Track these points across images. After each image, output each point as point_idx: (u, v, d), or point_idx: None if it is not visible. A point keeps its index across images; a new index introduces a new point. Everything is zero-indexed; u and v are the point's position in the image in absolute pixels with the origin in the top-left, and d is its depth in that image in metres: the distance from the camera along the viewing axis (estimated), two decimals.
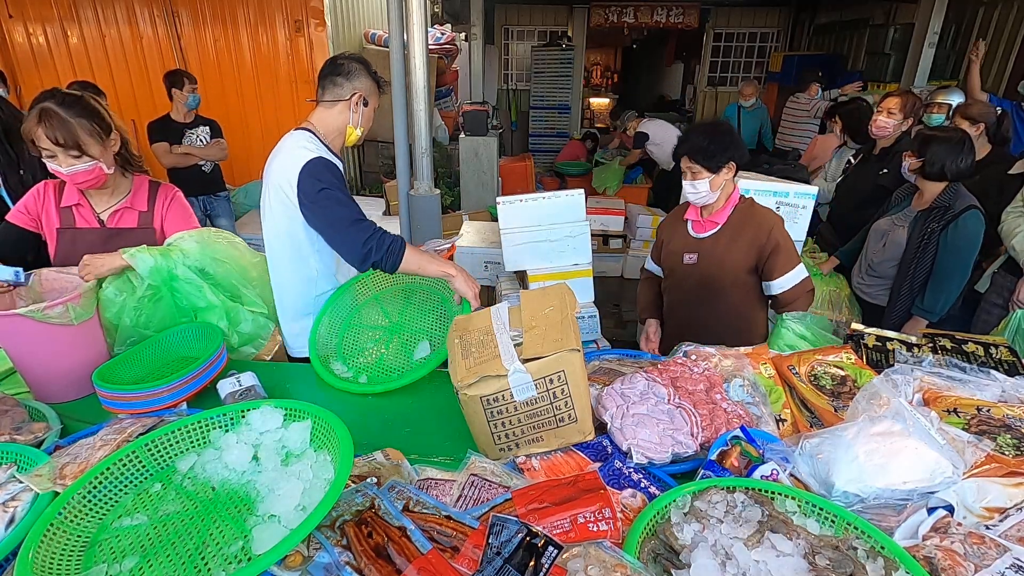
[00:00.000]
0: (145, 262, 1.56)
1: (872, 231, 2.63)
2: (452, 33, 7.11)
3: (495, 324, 1.30)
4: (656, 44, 11.97)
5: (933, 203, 2.33)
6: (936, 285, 2.32)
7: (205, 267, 1.66)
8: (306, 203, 1.65)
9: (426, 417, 1.47)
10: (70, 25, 5.67)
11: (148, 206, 1.79)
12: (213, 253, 1.68)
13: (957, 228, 2.25)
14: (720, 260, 2.00)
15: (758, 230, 1.95)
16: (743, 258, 1.98)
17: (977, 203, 2.28)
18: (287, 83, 5.94)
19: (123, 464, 1.05)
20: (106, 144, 1.62)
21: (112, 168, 1.66)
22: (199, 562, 0.88)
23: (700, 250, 2.05)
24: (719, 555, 0.89)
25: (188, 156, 3.96)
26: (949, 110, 3.63)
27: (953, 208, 2.27)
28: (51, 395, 1.47)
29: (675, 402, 1.29)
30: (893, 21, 6.62)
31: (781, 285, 1.95)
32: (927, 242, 2.32)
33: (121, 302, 1.57)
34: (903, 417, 1.11)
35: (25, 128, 1.53)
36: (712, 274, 2.02)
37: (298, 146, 1.69)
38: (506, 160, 6.78)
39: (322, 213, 1.64)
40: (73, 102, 1.56)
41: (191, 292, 1.64)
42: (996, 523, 0.99)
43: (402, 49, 3.14)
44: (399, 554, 0.89)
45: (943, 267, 2.29)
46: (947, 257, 2.28)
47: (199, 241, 1.67)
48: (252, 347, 1.79)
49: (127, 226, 1.76)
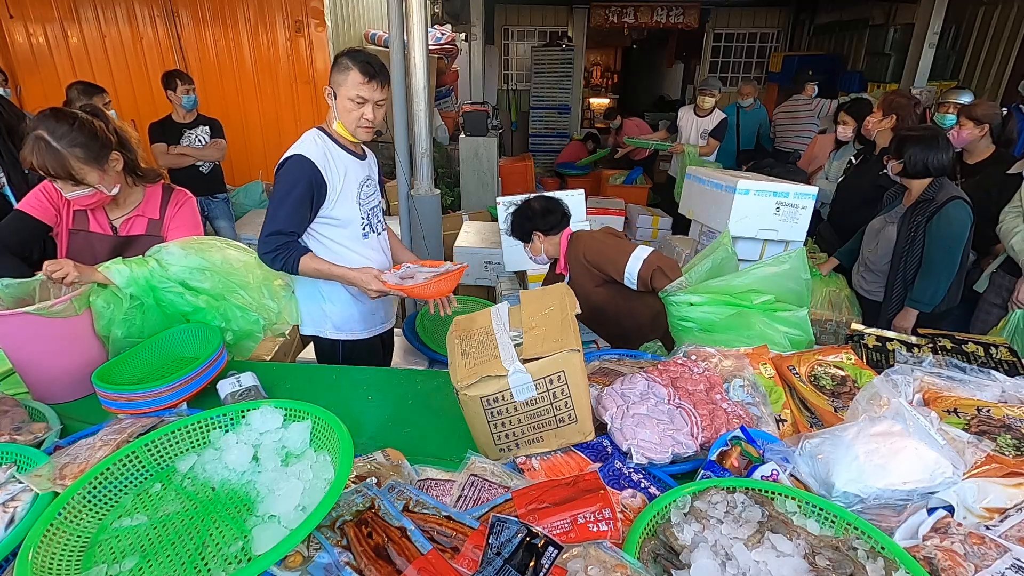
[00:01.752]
0: (121, 273, 1.55)
1: (867, 230, 2.68)
2: (452, 33, 7.11)
3: (495, 324, 1.30)
4: (656, 44, 11.96)
5: (919, 197, 2.39)
6: (925, 276, 2.37)
7: (185, 277, 1.64)
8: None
9: (426, 417, 1.47)
10: (70, 25, 5.67)
11: (160, 213, 1.78)
12: (195, 262, 1.65)
13: (941, 218, 2.29)
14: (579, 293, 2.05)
15: (576, 262, 2.20)
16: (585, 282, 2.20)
17: (962, 194, 2.32)
18: (287, 83, 5.93)
19: (123, 464, 1.05)
20: (105, 167, 1.57)
21: (117, 187, 1.63)
22: (199, 562, 0.88)
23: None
24: (719, 555, 0.89)
25: (183, 157, 3.96)
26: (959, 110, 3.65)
27: (936, 200, 2.32)
28: (51, 395, 1.47)
29: (675, 402, 1.29)
30: (893, 21, 6.63)
31: (629, 279, 2.07)
32: (914, 235, 2.37)
33: (110, 314, 1.55)
34: (903, 417, 1.11)
35: (22, 155, 1.50)
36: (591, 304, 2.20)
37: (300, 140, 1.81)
38: (506, 160, 6.79)
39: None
40: (66, 131, 1.48)
41: (174, 300, 1.64)
42: (996, 523, 0.99)
43: (402, 49, 3.14)
44: (399, 554, 0.89)
45: (930, 258, 2.34)
46: (933, 248, 2.33)
47: (183, 247, 1.65)
48: (251, 341, 1.79)
49: (137, 232, 1.76)
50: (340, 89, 1.76)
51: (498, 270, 3.72)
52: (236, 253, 1.74)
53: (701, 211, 3.16)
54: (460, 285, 4.19)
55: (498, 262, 3.59)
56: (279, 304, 1.82)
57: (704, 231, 3.24)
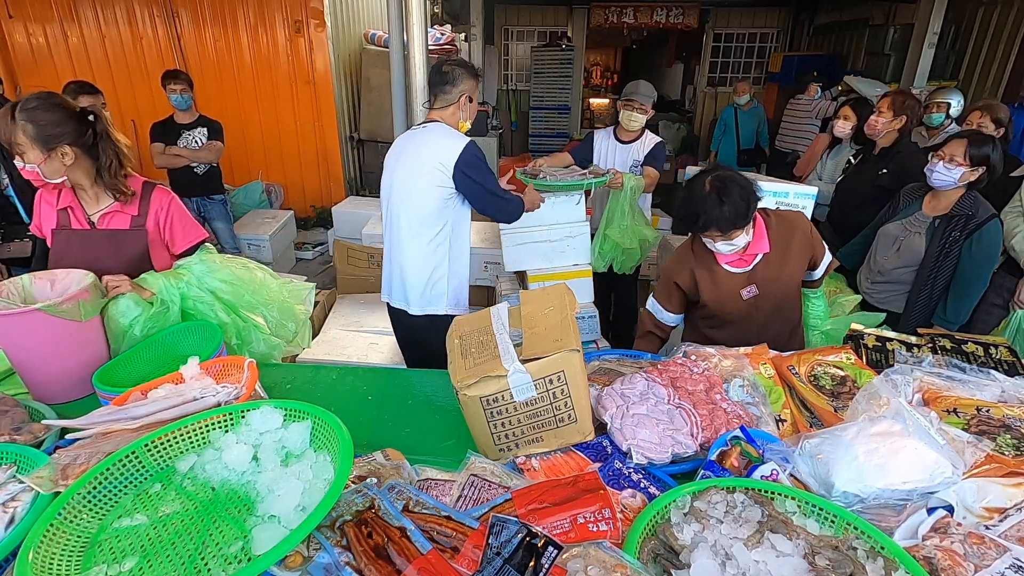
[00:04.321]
0: (156, 282, 1.64)
1: (881, 235, 2.55)
2: (452, 33, 7.11)
3: (495, 324, 1.30)
4: (656, 44, 11.97)
5: (953, 210, 2.27)
6: (961, 296, 2.27)
7: (215, 287, 1.72)
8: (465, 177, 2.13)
9: (426, 417, 1.47)
10: (70, 25, 5.68)
11: (140, 210, 1.79)
12: (226, 275, 1.73)
13: (981, 238, 2.20)
14: (780, 280, 1.89)
15: (801, 236, 1.88)
16: (799, 265, 1.91)
17: (996, 211, 2.25)
18: (287, 83, 5.94)
19: (123, 464, 1.05)
20: (51, 153, 1.58)
21: (62, 178, 1.64)
22: (199, 562, 0.88)
23: (755, 280, 1.88)
24: (719, 555, 0.89)
25: (178, 158, 3.97)
26: (948, 108, 3.64)
27: (976, 216, 2.22)
28: (51, 396, 1.47)
29: (675, 402, 1.29)
30: (893, 21, 6.63)
31: (821, 269, 1.98)
32: (949, 251, 2.26)
33: (136, 315, 1.60)
34: (903, 417, 1.11)
35: None
36: (779, 295, 1.91)
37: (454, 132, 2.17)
38: (506, 160, 6.80)
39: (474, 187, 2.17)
40: (32, 108, 1.54)
41: (203, 310, 1.70)
42: (996, 523, 0.99)
43: (402, 49, 3.15)
44: (399, 554, 0.89)
45: (966, 277, 2.24)
46: (971, 266, 2.23)
47: (207, 263, 1.72)
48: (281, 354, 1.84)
49: (119, 227, 1.77)
50: (474, 93, 2.21)
51: (498, 270, 3.72)
52: (263, 275, 1.82)
53: None
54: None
55: (498, 262, 3.59)
56: (296, 326, 1.87)
57: None
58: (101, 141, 1.66)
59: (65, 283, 1.56)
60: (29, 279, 1.55)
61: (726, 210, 1.68)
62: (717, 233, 1.76)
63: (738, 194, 1.68)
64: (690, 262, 1.94)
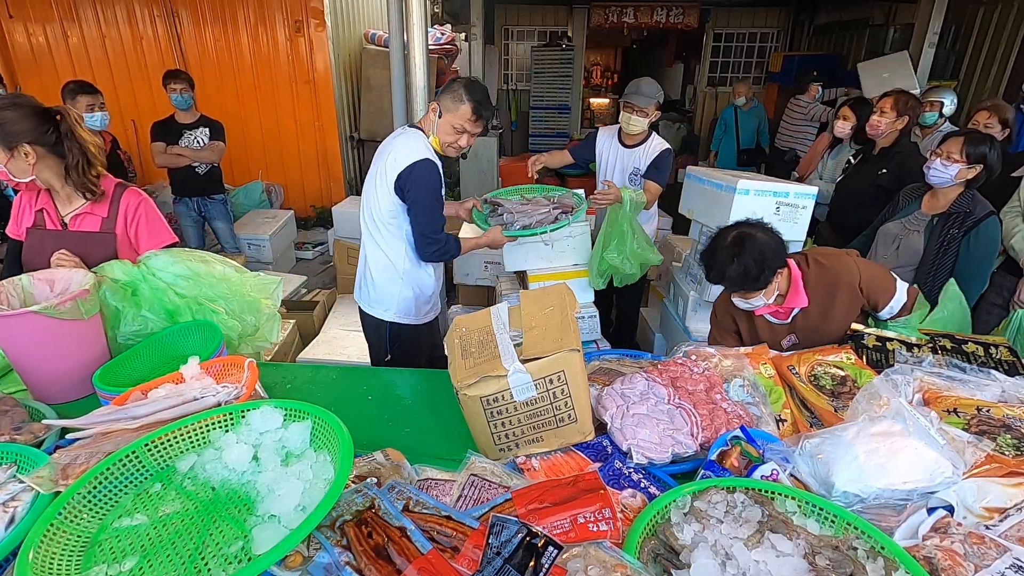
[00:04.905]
0: (115, 269, 1.65)
1: (880, 235, 2.55)
2: (452, 33, 7.12)
3: (495, 324, 1.30)
4: (656, 44, 11.96)
5: (951, 208, 2.27)
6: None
7: (170, 283, 1.71)
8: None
9: (426, 417, 1.47)
10: (70, 25, 5.68)
11: (109, 212, 1.79)
12: (181, 270, 1.72)
13: (979, 235, 2.19)
14: (822, 331, 1.79)
15: (847, 289, 1.75)
16: (845, 317, 1.76)
17: (994, 209, 2.24)
18: (287, 83, 5.94)
19: (123, 464, 1.05)
20: (12, 152, 1.59)
21: (28, 177, 1.64)
22: (199, 562, 0.88)
23: (795, 331, 1.84)
24: (719, 555, 0.89)
25: (179, 157, 3.97)
26: (942, 107, 3.64)
27: (974, 214, 2.21)
28: (51, 395, 1.48)
29: (675, 402, 1.29)
30: (893, 21, 6.63)
31: (891, 310, 1.79)
32: (947, 247, 2.26)
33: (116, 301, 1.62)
34: (903, 417, 1.12)
35: None
36: (823, 341, 1.76)
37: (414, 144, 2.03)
38: (506, 160, 6.80)
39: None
40: (8, 105, 1.57)
41: (159, 296, 1.70)
42: (996, 523, 0.99)
43: (402, 49, 3.15)
44: (399, 554, 0.89)
45: (964, 274, 2.21)
46: (969, 264, 2.22)
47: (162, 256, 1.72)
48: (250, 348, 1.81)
49: (90, 229, 1.78)
50: (448, 114, 2.01)
51: (498, 270, 3.72)
52: (222, 268, 1.79)
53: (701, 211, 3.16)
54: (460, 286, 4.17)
55: (498, 262, 3.59)
56: (257, 320, 1.85)
57: (704, 231, 3.23)
58: (66, 140, 1.66)
59: (65, 283, 1.56)
60: (28, 280, 1.55)
61: (733, 271, 1.63)
62: (738, 294, 1.73)
63: (752, 258, 1.62)
64: (732, 309, 1.89)
